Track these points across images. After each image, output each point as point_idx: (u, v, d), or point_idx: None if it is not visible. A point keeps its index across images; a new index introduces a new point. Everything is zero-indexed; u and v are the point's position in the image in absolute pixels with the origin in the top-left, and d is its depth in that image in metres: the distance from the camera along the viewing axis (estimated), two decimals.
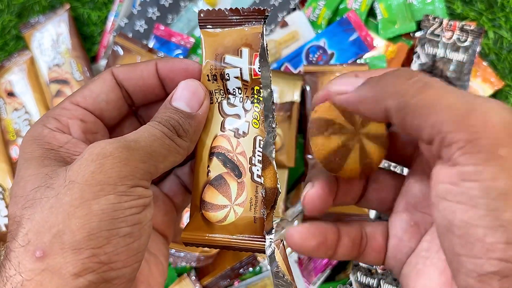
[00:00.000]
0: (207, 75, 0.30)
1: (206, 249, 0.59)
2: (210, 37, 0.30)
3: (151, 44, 0.68)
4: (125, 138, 0.25)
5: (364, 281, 0.58)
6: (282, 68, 0.67)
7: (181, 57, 0.68)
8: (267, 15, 0.28)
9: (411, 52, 0.67)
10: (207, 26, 0.30)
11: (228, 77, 0.30)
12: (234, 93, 0.30)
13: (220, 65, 0.30)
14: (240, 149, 0.30)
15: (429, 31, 0.66)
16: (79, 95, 0.29)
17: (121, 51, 0.68)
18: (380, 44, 0.67)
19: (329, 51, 0.67)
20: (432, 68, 0.66)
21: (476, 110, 0.20)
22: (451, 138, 0.20)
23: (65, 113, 0.28)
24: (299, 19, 0.68)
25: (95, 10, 0.72)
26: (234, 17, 0.29)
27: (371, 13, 0.70)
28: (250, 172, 0.29)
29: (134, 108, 0.33)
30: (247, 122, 0.30)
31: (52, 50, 0.68)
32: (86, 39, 0.72)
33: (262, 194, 0.29)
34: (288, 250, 0.58)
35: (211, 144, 0.30)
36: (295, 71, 0.67)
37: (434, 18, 0.66)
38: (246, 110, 0.30)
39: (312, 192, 0.29)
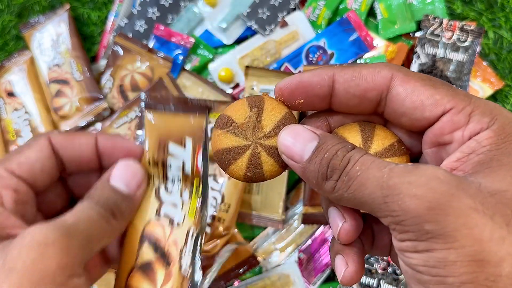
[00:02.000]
0: (149, 160, 0.31)
1: (206, 249, 0.59)
2: (155, 122, 0.32)
3: (151, 44, 0.68)
4: (64, 223, 0.26)
5: (364, 281, 0.58)
6: (282, 68, 0.67)
7: (181, 57, 0.68)
8: (210, 109, 0.30)
9: (411, 52, 0.67)
10: (152, 111, 0.31)
11: (170, 167, 0.31)
12: (173, 181, 0.31)
13: (162, 154, 0.31)
14: (172, 238, 0.31)
15: (429, 31, 0.66)
16: (14, 162, 0.29)
17: (121, 51, 0.68)
18: (380, 44, 0.67)
19: (329, 51, 0.67)
20: (432, 68, 0.66)
21: (389, 196, 0.21)
22: (384, 222, 0.23)
23: None
24: (299, 19, 0.68)
25: (95, 10, 0.72)
26: (180, 106, 0.30)
27: (371, 13, 0.70)
28: (179, 263, 0.30)
29: (63, 175, 0.33)
30: (183, 213, 0.31)
31: (52, 50, 0.68)
32: (86, 39, 0.72)
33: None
34: None
35: (144, 228, 0.31)
36: (295, 71, 0.67)
37: (434, 18, 0.66)
38: (183, 201, 0.31)
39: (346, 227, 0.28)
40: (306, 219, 0.61)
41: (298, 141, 0.25)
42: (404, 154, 0.28)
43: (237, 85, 0.68)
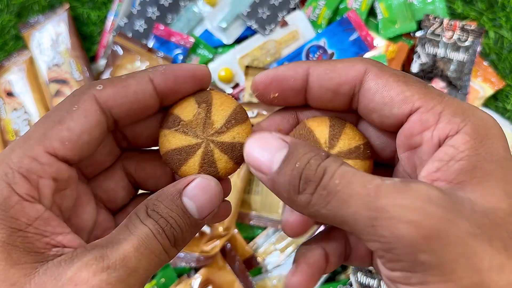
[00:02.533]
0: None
1: (206, 249, 0.59)
2: None
3: (150, 44, 0.68)
4: (126, 264, 0.21)
5: (364, 282, 0.58)
6: None
7: (181, 57, 0.68)
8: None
9: (411, 52, 0.67)
10: None
11: None
12: None
13: None
14: None
15: (429, 31, 0.66)
16: (55, 138, 0.22)
17: (120, 51, 0.67)
18: (380, 44, 0.67)
19: (329, 51, 0.67)
20: (433, 68, 0.66)
21: (378, 219, 0.19)
22: (370, 247, 0.20)
23: (37, 169, 0.22)
24: (299, 19, 0.68)
25: (95, 10, 0.72)
26: None
27: (372, 12, 0.69)
28: None
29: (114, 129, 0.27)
30: None
31: (52, 50, 0.68)
32: (85, 39, 0.71)
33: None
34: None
35: None
36: None
37: (435, 18, 0.66)
38: None
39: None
40: None
41: (266, 151, 0.23)
42: (368, 158, 0.26)
43: (237, 85, 0.68)
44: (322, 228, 0.32)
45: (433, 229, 0.19)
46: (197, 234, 0.60)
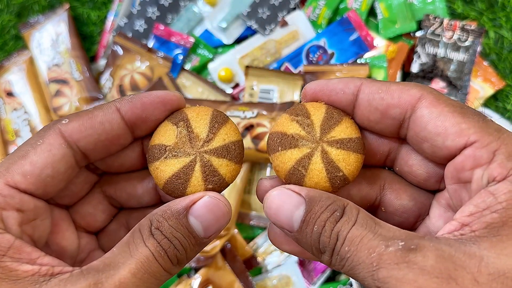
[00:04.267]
0: None
1: (206, 249, 0.59)
2: None
3: (150, 43, 0.68)
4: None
5: None
6: (282, 68, 0.67)
7: (181, 57, 0.68)
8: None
9: (411, 52, 0.67)
10: None
11: None
12: None
13: None
14: None
15: (429, 31, 0.66)
16: (17, 172, 0.22)
17: (120, 51, 0.67)
18: (380, 44, 0.67)
19: (329, 51, 0.67)
20: (433, 68, 0.66)
21: None
22: None
23: None
24: (299, 19, 0.68)
25: (95, 10, 0.72)
26: None
27: (372, 12, 0.69)
28: None
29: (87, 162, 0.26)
30: None
31: (52, 50, 0.68)
32: (85, 39, 0.71)
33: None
34: None
35: None
36: (295, 71, 0.67)
37: (435, 18, 0.66)
38: None
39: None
40: None
41: (285, 209, 0.23)
42: (360, 152, 0.26)
43: (237, 85, 0.68)
44: None
45: None
46: None
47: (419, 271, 0.20)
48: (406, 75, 0.68)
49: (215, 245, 0.59)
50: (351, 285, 0.58)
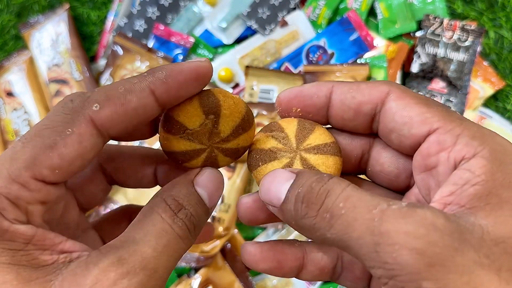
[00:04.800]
0: None
1: (206, 249, 0.59)
2: None
3: (150, 43, 0.68)
4: (142, 273, 0.21)
5: None
6: (282, 68, 0.67)
7: (181, 57, 0.68)
8: None
9: (411, 52, 0.67)
10: None
11: None
12: None
13: None
14: None
15: (429, 31, 0.66)
16: (45, 165, 0.21)
17: (120, 51, 0.67)
18: (380, 44, 0.67)
19: (329, 51, 0.67)
20: (433, 68, 0.66)
21: (382, 245, 0.19)
22: (374, 273, 0.20)
23: (25, 196, 0.21)
24: (299, 19, 0.68)
25: (95, 10, 0.72)
26: None
27: (372, 12, 0.69)
28: None
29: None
30: None
31: (52, 50, 0.68)
32: (85, 38, 0.71)
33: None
34: None
35: None
36: (295, 71, 0.67)
37: (435, 18, 0.66)
38: None
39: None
40: None
41: (275, 184, 0.23)
42: (337, 155, 0.26)
43: (237, 85, 0.68)
44: None
45: (437, 257, 0.18)
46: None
47: (431, 226, 0.19)
48: (406, 75, 0.68)
49: (215, 245, 0.59)
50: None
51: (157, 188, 0.27)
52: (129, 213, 0.31)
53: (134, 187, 0.30)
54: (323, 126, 0.27)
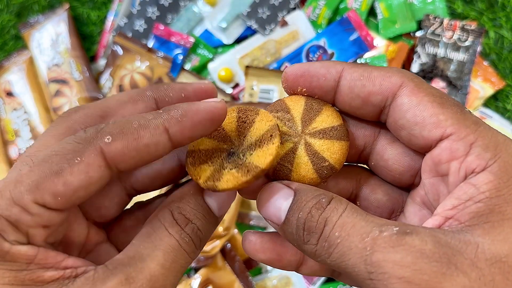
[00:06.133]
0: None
1: (206, 249, 0.59)
2: None
3: (150, 43, 0.68)
4: (153, 279, 0.21)
5: None
6: (282, 68, 0.67)
7: (180, 57, 0.68)
8: None
9: (411, 51, 0.67)
10: None
11: None
12: None
13: None
14: None
15: (429, 31, 0.66)
16: (48, 191, 0.20)
17: (120, 51, 0.67)
18: (380, 44, 0.67)
19: (329, 51, 0.67)
20: (433, 68, 0.66)
21: (374, 273, 0.20)
22: None
23: (26, 220, 0.20)
24: (299, 19, 0.68)
25: (95, 10, 0.72)
26: None
27: (372, 12, 0.69)
28: None
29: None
30: None
31: (51, 49, 0.68)
32: (85, 38, 0.71)
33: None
34: None
35: None
36: None
37: (435, 18, 0.66)
38: None
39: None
40: None
41: (274, 202, 0.23)
42: (343, 139, 0.26)
43: (237, 85, 0.68)
44: None
45: (425, 284, 0.19)
46: None
47: (418, 254, 0.19)
48: None
49: (215, 245, 0.59)
50: (351, 285, 0.58)
51: None
52: (141, 211, 0.29)
53: (160, 187, 0.29)
54: (332, 106, 0.26)
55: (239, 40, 0.69)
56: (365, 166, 0.29)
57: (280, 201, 0.23)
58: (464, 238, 0.20)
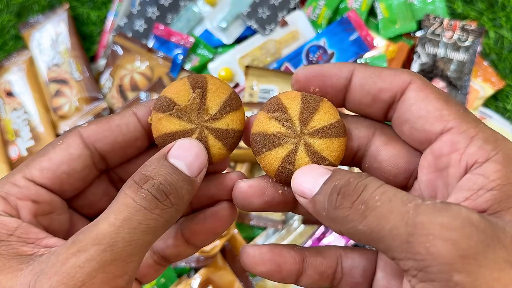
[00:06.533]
0: None
1: (206, 249, 0.59)
2: None
3: (150, 43, 0.68)
4: (93, 249, 0.21)
5: None
6: (282, 68, 0.67)
7: (181, 57, 0.68)
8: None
9: (411, 51, 0.67)
10: None
11: None
12: None
13: None
14: None
15: (429, 31, 0.66)
16: (35, 167, 0.24)
17: (120, 51, 0.67)
18: (380, 44, 0.67)
19: (329, 51, 0.67)
20: (433, 68, 0.66)
21: (416, 235, 0.19)
22: (403, 266, 0.20)
23: (15, 192, 0.23)
24: (299, 19, 0.68)
25: (95, 10, 0.72)
26: None
27: (372, 12, 0.69)
28: None
29: (106, 170, 0.27)
30: None
31: (51, 49, 0.68)
32: (85, 38, 0.71)
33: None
34: None
35: None
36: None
37: (435, 18, 0.66)
38: None
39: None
40: (307, 220, 0.61)
41: (310, 177, 0.24)
42: (342, 135, 0.26)
43: (237, 85, 0.68)
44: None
45: (471, 250, 0.19)
46: None
47: (467, 220, 0.19)
48: None
49: (215, 245, 0.59)
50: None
51: None
52: None
53: None
54: (328, 101, 0.27)
55: (239, 40, 0.69)
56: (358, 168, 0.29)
57: (317, 177, 0.24)
58: (497, 222, 0.20)
